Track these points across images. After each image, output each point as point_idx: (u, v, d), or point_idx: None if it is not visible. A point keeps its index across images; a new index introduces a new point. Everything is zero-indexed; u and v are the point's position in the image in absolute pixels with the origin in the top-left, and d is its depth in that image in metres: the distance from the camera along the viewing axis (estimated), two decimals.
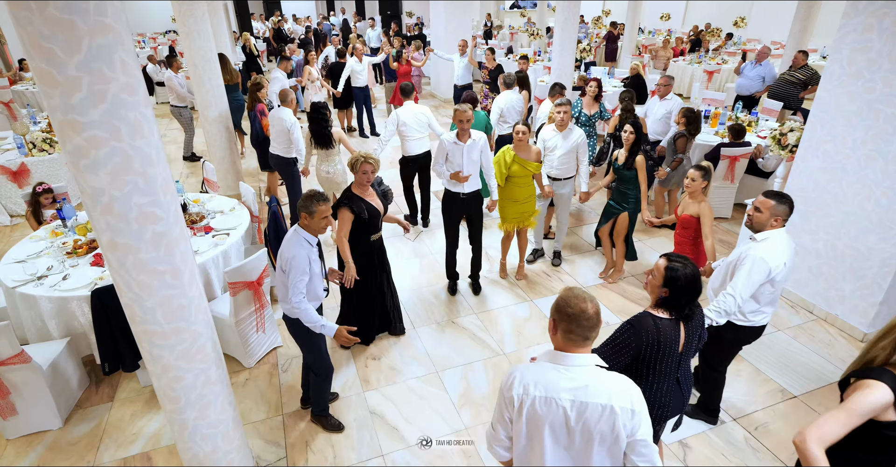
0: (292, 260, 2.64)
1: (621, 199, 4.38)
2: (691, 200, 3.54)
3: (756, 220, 2.64)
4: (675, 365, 2.17)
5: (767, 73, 7.49)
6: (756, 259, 2.53)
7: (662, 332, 2.08)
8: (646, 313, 2.14)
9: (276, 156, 5.36)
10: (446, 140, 3.96)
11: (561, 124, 4.33)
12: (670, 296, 2.09)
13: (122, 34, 1.74)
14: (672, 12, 16.65)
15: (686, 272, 2.06)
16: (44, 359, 3.16)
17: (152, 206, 1.94)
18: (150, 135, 1.89)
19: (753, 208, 2.66)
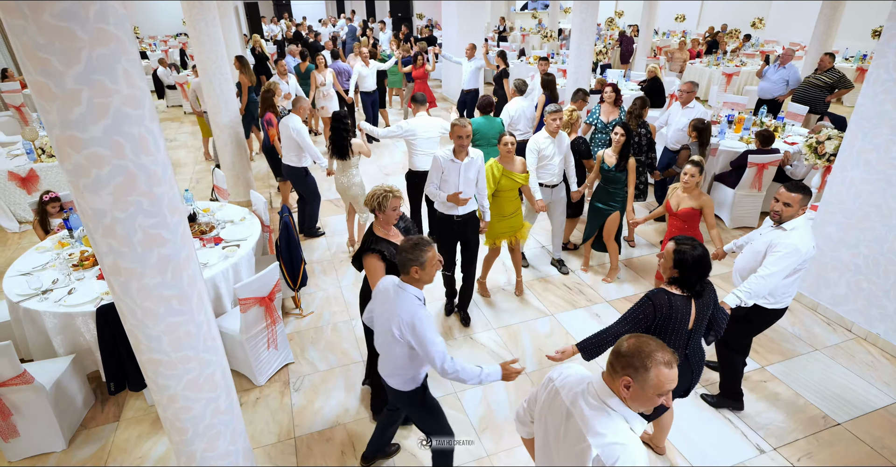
0: (417, 323, 2.20)
1: (610, 199, 4.37)
2: (687, 194, 3.67)
3: (786, 215, 2.77)
4: (685, 341, 2.36)
5: (791, 76, 7.24)
6: (790, 246, 2.69)
7: (674, 307, 2.29)
8: (661, 289, 2.35)
9: (288, 167, 5.18)
10: (442, 157, 3.63)
11: (554, 131, 4.29)
12: (680, 275, 2.30)
13: (126, 42, 1.59)
14: (687, 13, 16.38)
15: (694, 253, 2.26)
16: (47, 379, 3.03)
17: (158, 228, 1.79)
18: (156, 151, 1.74)
19: (783, 204, 2.76)
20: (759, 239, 2.94)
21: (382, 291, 2.39)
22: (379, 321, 2.40)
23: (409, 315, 2.21)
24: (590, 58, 7.02)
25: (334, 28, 15.89)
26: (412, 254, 2.22)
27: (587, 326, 4.08)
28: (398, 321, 2.23)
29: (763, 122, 6.34)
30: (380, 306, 2.39)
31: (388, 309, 2.29)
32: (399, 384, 2.41)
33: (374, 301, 2.47)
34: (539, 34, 16.10)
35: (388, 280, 2.40)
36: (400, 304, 2.24)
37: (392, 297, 2.29)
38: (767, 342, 3.84)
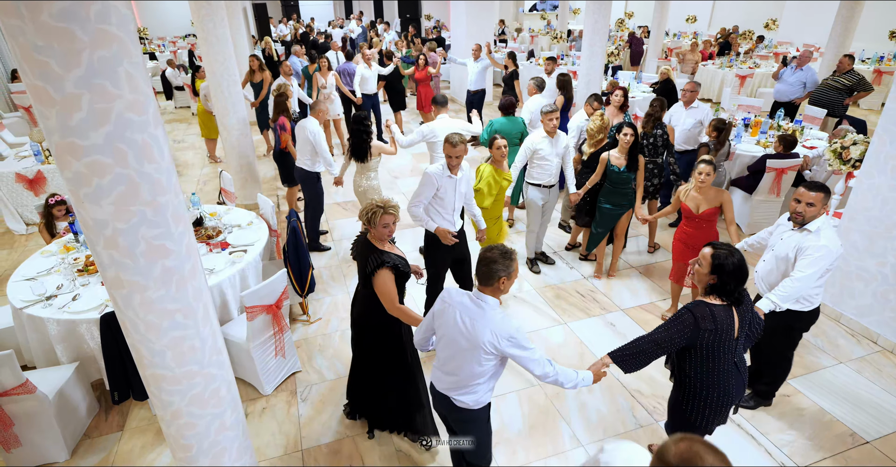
0: (517, 334, 2.12)
1: (622, 200, 4.32)
2: (701, 194, 3.61)
3: (810, 215, 2.71)
4: (733, 350, 2.27)
5: (809, 78, 7.08)
6: (821, 248, 2.65)
7: (718, 318, 2.20)
8: (699, 302, 2.25)
9: (301, 170, 5.03)
10: (435, 174, 3.40)
11: (551, 131, 4.26)
12: (718, 282, 2.21)
13: (129, 44, 1.51)
14: (698, 14, 16.20)
15: (732, 258, 2.18)
16: (50, 387, 2.96)
17: (162, 239, 1.71)
18: (160, 158, 1.66)
19: (806, 204, 2.70)
20: (780, 244, 2.86)
21: (456, 306, 2.21)
22: (455, 339, 2.20)
23: (505, 328, 2.11)
24: (602, 60, 6.90)
25: (342, 29, 15.84)
26: (503, 264, 2.11)
27: (602, 335, 3.97)
28: (494, 337, 2.10)
29: (780, 126, 6.19)
30: (452, 323, 2.21)
31: (473, 325, 2.14)
32: (474, 401, 2.28)
33: (440, 318, 2.27)
34: (548, 35, 15.98)
35: (457, 294, 2.25)
36: (489, 318, 2.12)
37: (476, 312, 2.15)
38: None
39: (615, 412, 3.27)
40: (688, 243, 3.78)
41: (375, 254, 2.63)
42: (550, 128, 4.24)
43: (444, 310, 2.26)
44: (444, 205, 3.52)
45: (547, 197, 4.52)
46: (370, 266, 2.61)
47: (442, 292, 2.32)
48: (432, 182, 3.42)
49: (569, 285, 4.63)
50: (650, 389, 3.44)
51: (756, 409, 3.24)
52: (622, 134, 4.12)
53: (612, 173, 4.24)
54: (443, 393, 2.33)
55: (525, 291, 4.54)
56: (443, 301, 2.28)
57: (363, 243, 2.76)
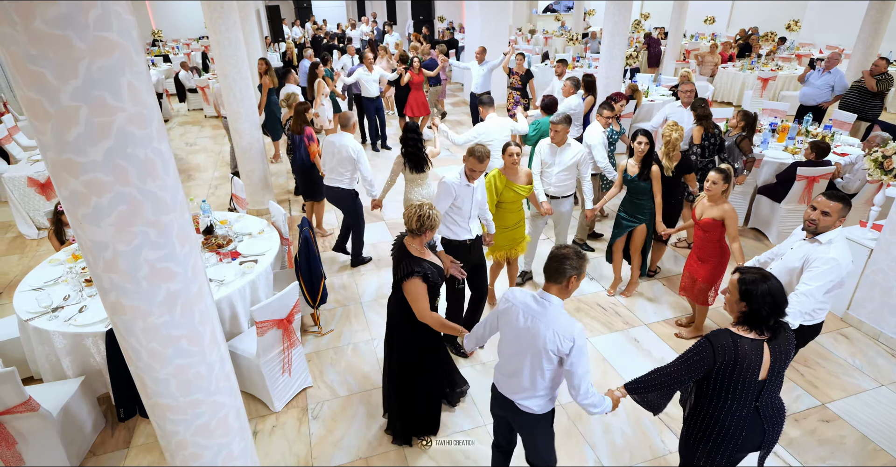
0: (581, 339, 2.02)
1: (636, 211, 4.13)
2: (711, 203, 3.48)
3: (823, 224, 2.61)
4: (755, 392, 2.03)
5: (838, 81, 6.83)
6: (830, 261, 2.54)
7: (740, 352, 1.98)
8: (725, 330, 2.06)
9: (338, 190, 4.66)
10: (454, 183, 3.32)
11: (560, 141, 4.14)
12: (749, 310, 2.00)
13: (131, 52, 1.39)
14: (716, 15, 15.88)
15: (763, 284, 1.97)
16: (55, 404, 2.86)
17: (166, 261, 1.58)
18: (164, 175, 1.54)
19: (820, 213, 2.61)
20: (790, 253, 2.78)
21: (519, 305, 2.15)
22: (517, 339, 2.16)
23: (570, 330, 2.03)
24: (622, 62, 6.71)
25: (359, 31, 15.77)
26: (576, 262, 2.05)
27: (625, 352, 3.79)
28: (556, 337, 2.03)
29: (809, 131, 5.96)
30: (514, 323, 2.15)
31: (535, 325, 2.08)
32: (540, 406, 2.21)
33: (504, 317, 2.23)
34: (563, 37, 15.79)
35: (521, 293, 2.19)
36: (554, 319, 2.06)
37: (538, 312, 2.09)
38: (826, 375, 3.50)
39: (641, 436, 3.10)
40: (695, 251, 3.70)
41: (408, 262, 2.56)
42: (557, 139, 4.12)
43: (507, 309, 2.21)
44: (461, 214, 3.45)
45: (552, 208, 4.27)
46: (401, 273, 2.56)
47: (505, 291, 2.27)
48: (450, 192, 3.33)
49: (589, 297, 4.46)
50: (679, 412, 3.25)
51: None
52: (636, 142, 3.96)
53: (626, 181, 4.13)
54: (506, 396, 2.27)
55: None
56: (506, 300, 2.23)
57: (399, 247, 2.67)
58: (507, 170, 3.79)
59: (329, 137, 4.62)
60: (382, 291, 4.61)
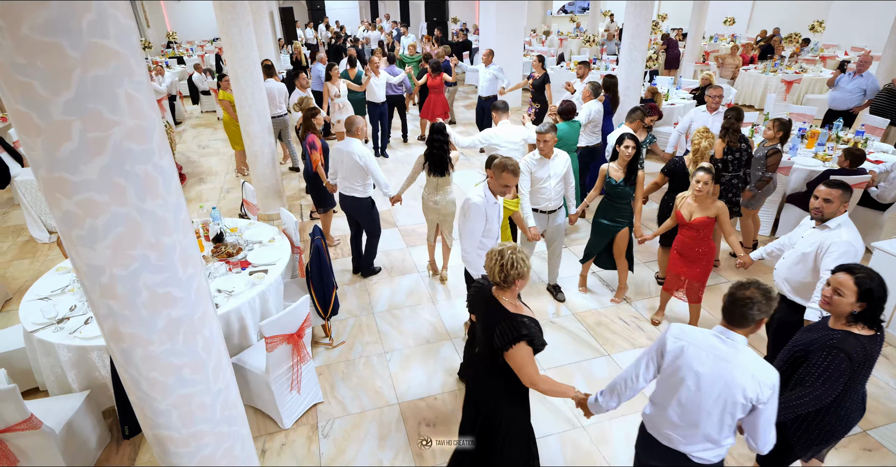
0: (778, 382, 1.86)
1: (617, 215, 4.06)
2: (698, 204, 3.51)
3: (828, 211, 2.73)
4: (864, 382, 2.15)
5: (870, 85, 6.57)
6: (845, 244, 2.64)
7: (868, 353, 2.03)
8: (846, 333, 2.06)
9: (352, 199, 4.45)
10: (481, 204, 3.05)
11: (548, 152, 3.91)
12: (867, 309, 2.02)
13: (130, 60, 1.27)
14: (736, 16, 15.56)
15: (878, 281, 2.01)
16: (58, 420, 2.77)
17: (167, 286, 1.46)
18: (166, 193, 1.41)
19: (822, 200, 2.73)
20: (801, 242, 2.88)
21: (700, 345, 1.89)
22: (701, 385, 1.88)
23: (769, 373, 1.80)
24: (642, 65, 6.53)
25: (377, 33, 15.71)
26: (765, 305, 1.82)
27: None
28: (756, 383, 1.79)
29: (839, 137, 5.72)
30: (696, 367, 1.88)
31: (727, 369, 1.83)
32: (719, 456, 2.00)
33: (679, 360, 1.92)
34: (580, 38, 15.58)
35: (697, 332, 1.95)
36: (751, 362, 1.82)
37: (728, 354, 1.85)
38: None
39: None
40: (682, 253, 3.70)
41: (508, 323, 2.09)
42: (546, 150, 3.88)
43: (683, 349, 1.93)
44: (491, 236, 3.19)
45: (546, 223, 4.13)
46: (502, 340, 2.08)
47: (672, 329, 2.00)
48: (482, 213, 3.02)
49: (610, 310, 4.29)
50: None
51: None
52: (623, 146, 3.85)
53: (609, 185, 3.99)
54: (674, 448, 2.02)
55: (563, 316, 4.22)
56: (678, 339, 1.96)
57: (488, 301, 2.21)
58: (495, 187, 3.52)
59: (336, 145, 4.43)
60: (395, 301, 4.48)
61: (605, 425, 3.16)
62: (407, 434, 3.15)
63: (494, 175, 2.96)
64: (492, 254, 2.12)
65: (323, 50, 13.99)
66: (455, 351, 3.84)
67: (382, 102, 7.70)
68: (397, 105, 8.35)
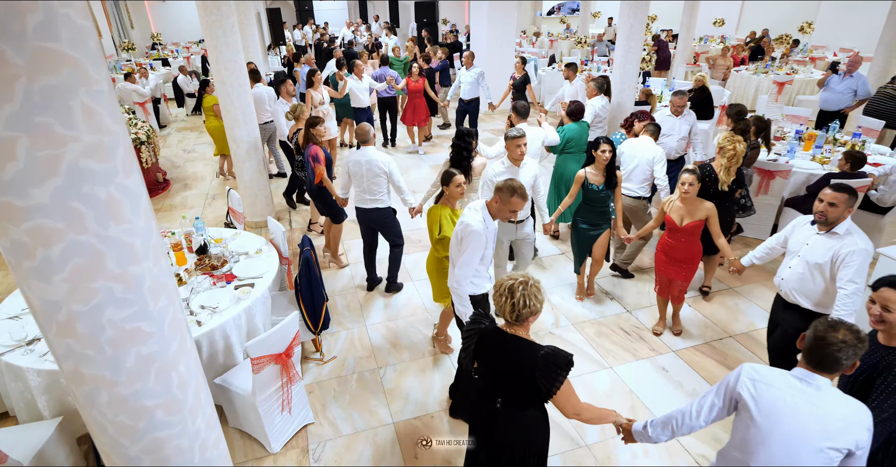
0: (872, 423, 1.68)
1: (598, 219, 4.03)
2: (687, 206, 3.49)
3: (832, 215, 2.64)
4: None
5: (861, 86, 6.53)
6: (861, 252, 2.58)
7: None
8: None
9: (375, 210, 4.18)
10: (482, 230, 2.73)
11: (518, 158, 3.72)
12: None
13: (87, 67, 1.10)
14: (726, 17, 15.60)
15: None
16: (27, 452, 2.57)
17: (136, 320, 1.30)
18: (133, 216, 1.25)
19: (827, 204, 2.65)
20: (808, 249, 2.77)
21: (783, 389, 1.69)
22: (791, 432, 1.68)
23: (865, 415, 1.63)
24: (637, 67, 6.43)
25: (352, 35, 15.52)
26: (858, 349, 1.64)
27: (653, 383, 3.49)
28: (852, 428, 1.62)
29: (836, 139, 5.66)
30: (778, 410, 1.68)
31: (816, 413, 1.64)
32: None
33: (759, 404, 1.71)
34: (570, 40, 15.52)
35: (777, 373, 1.74)
36: (842, 405, 1.65)
37: (814, 395, 1.66)
38: None
39: None
40: (670, 256, 3.67)
41: (547, 362, 1.86)
42: (518, 155, 3.67)
43: (762, 394, 1.73)
44: (485, 261, 2.95)
45: (515, 234, 3.91)
46: (549, 383, 1.85)
47: (745, 371, 1.79)
48: (482, 241, 2.72)
49: (610, 320, 4.16)
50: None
51: None
52: (600, 151, 3.79)
53: (591, 191, 3.92)
54: None
55: (562, 327, 4.08)
56: (755, 381, 1.75)
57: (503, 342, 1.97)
58: (452, 200, 3.30)
59: (352, 157, 4.13)
60: (388, 313, 4.32)
61: (610, 444, 3.03)
62: (402, 456, 2.99)
63: (501, 199, 2.65)
64: (500, 289, 1.91)
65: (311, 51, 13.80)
66: (453, 365, 3.69)
67: (368, 107, 7.47)
68: (389, 108, 8.19)
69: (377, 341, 3.96)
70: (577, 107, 4.97)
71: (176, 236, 3.76)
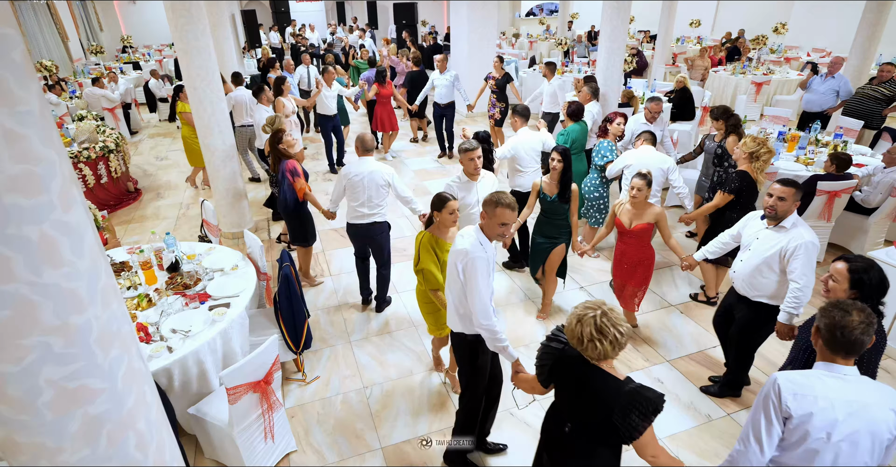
0: None
1: (554, 233, 3.89)
2: (636, 210, 3.53)
3: (782, 209, 2.74)
4: None
5: (843, 86, 6.58)
6: (808, 245, 2.70)
7: None
8: None
9: (372, 225, 3.95)
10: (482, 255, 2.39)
11: (473, 172, 3.58)
12: (860, 297, 2.09)
13: (10, 83, 0.93)
14: (701, 18, 15.77)
15: (873, 271, 2.10)
16: None
17: (81, 377, 1.12)
18: (75, 257, 1.07)
19: (777, 198, 2.74)
20: (757, 243, 2.88)
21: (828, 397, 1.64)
22: (854, 439, 1.64)
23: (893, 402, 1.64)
24: (620, 69, 6.36)
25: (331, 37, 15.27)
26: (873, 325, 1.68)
27: None
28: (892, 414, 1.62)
29: (819, 140, 5.67)
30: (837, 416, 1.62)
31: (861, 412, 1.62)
32: None
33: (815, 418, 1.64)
34: (548, 41, 15.52)
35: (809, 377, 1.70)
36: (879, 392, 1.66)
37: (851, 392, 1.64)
38: None
39: None
40: (621, 260, 3.70)
41: (635, 402, 1.70)
42: (472, 169, 3.51)
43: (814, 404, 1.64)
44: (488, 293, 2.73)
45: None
46: (630, 427, 1.70)
47: (781, 383, 1.69)
48: (487, 265, 2.40)
49: None
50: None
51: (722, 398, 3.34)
52: (550, 158, 3.71)
53: (545, 202, 3.82)
54: None
55: None
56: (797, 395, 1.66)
57: (586, 371, 1.81)
58: (443, 230, 2.98)
59: (352, 168, 3.87)
60: (373, 327, 4.14)
61: None
62: None
63: (487, 214, 2.39)
64: (582, 324, 1.70)
65: (288, 55, 13.52)
66: (442, 380, 3.53)
67: (334, 115, 7.15)
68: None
69: (362, 359, 3.79)
70: (578, 107, 4.99)
71: (145, 253, 3.53)
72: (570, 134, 4.97)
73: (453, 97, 7.70)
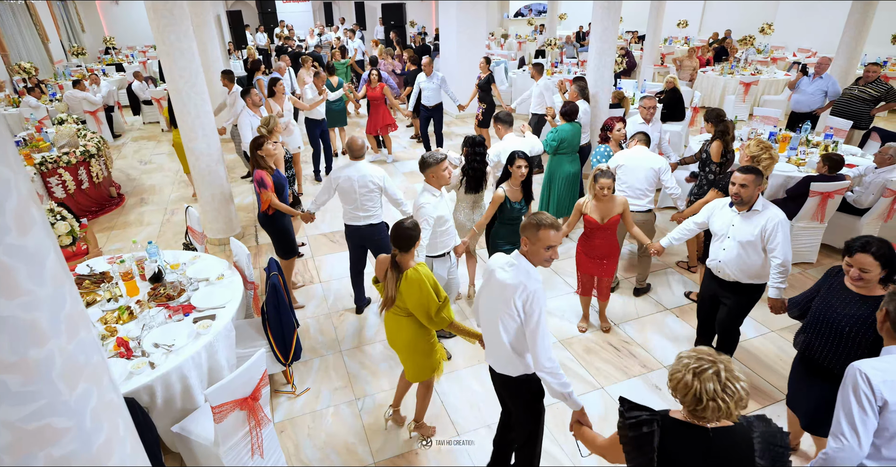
0: None
1: (515, 237, 3.78)
2: (601, 203, 3.62)
3: (746, 195, 2.89)
4: None
5: (831, 87, 6.60)
6: (783, 221, 2.88)
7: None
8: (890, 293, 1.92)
9: (368, 227, 3.88)
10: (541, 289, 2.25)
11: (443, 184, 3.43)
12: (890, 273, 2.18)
13: None
14: (688, 18, 15.85)
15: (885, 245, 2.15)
16: None
17: (43, 417, 1.01)
18: (35, 284, 0.97)
19: (740, 186, 2.88)
20: (735, 230, 3.00)
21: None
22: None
23: None
24: (611, 69, 6.33)
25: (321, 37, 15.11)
26: None
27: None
28: None
29: (809, 140, 5.67)
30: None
31: None
32: None
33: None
34: (536, 42, 15.49)
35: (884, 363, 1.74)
36: None
37: None
38: None
39: None
40: (591, 254, 3.79)
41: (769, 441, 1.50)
42: (446, 180, 3.38)
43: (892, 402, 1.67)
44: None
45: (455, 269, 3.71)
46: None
47: (869, 374, 1.70)
48: (544, 297, 2.22)
49: (598, 336, 3.99)
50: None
51: None
52: (515, 166, 3.64)
53: (510, 210, 3.72)
54: None
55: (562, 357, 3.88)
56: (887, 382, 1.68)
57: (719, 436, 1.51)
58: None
59: (342, 172, 3.78)
60: (364, 335, 4.05)
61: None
62: None
63: (529, 240, 2.18)
64: (702, 381, 1.44)
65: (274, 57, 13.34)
66: (436, 392, 3.44)
67: (322, 119, 6.98)
68: None
69: (353, 368, 3.69)
70: (572, 107, 4.95)
71: (126, 263, 3.41)
72: (561, 133, 4.91)
73: (441, 99, 7.62)
